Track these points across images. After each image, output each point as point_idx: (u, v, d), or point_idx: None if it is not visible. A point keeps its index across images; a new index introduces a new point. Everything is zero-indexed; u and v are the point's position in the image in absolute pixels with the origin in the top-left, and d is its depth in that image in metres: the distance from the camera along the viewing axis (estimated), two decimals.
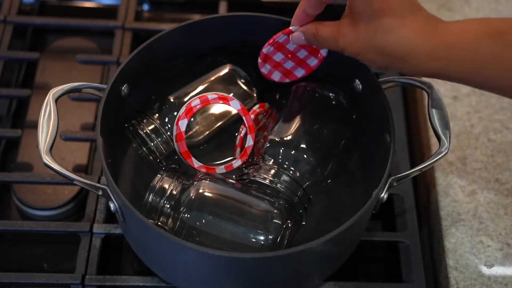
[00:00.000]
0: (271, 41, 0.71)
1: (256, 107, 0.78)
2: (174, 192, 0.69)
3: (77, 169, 0.86)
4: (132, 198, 0.74)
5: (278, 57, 0.74)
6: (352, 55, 0.64)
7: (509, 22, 0.59)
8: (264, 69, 0.75)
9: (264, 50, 0.72)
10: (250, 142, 0.75)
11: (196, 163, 0.73)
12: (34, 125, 0.68)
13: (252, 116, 0.76)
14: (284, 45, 0.72)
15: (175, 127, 0.72)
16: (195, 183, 0.69)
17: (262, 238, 0.67)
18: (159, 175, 0.70)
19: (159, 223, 0.69)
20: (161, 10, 1.06)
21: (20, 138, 0.87)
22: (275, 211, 0.69)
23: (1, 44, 0.92)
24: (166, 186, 0.69)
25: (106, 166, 0.66)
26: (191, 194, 0.68)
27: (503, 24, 0.59)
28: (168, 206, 0.68)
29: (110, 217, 0.78)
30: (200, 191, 0.69)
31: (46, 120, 0.66)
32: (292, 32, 0.69)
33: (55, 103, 0.67)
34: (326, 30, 0.65)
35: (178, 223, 0.68)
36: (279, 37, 0.71)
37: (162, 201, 0.68)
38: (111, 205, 0.66)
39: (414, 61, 0.60)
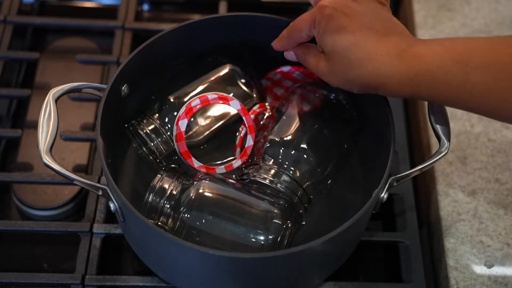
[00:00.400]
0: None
1: (256, 107, 0.78)
2: (174, 192, 0.69)
3: (77, 169, 0.86)
4: (132, 198, 0.74)
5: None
6: (332, 84, 0.67)
7: (473, 45, 0.60)
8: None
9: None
10: (250, 142, 0.75)
11: (196, 163, 0.73)
12: (34, 125, 0.68)
13: (252, 116, 0.76)
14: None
15: (175, 127, 0.72)
16: (195, 183, 0.69)
17: (262, 238, 0.67)
18: (159, 175, 0.70)
19: (159, 223, 0.69)
20: (161, 10, 1.06)
21: (20, 138, 0.87)
22: (275, 211, 0.69)
23: (1, 44, 0.92)
24: (166, 186, 0.69)
25: (106, 166, 0.66)
26: (191, 194, 0.68)
27: (468, 48, 0.60)
28: (168, 206, 0.68)
29: (110, 217, 0.78)
30: (200, 191, 0.69)
31: (46, 120, 0.66)
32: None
33: (55, 103, 0.67)
34: (310, 59, 0.69)
35: (178, 223, 0.68)
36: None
37: (162, 201, 0.68)
38: (111, 205, 0.66)
39: (388, 89, 0.63)
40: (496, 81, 0.58)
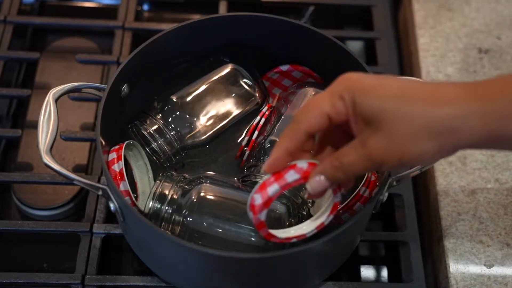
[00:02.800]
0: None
1: (265, 109, 0.77)
2: (175, 197, 0.69)
3: (77, 169, 0.86)
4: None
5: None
6: (395, 163, 0.52)
7: None
8: None
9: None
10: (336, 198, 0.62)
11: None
12: (34, 125, 0.68)
13: (262, 120, 0.76)
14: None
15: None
16: (196, 186, 0.69)
17: None
18: (158, 181, 0.70)
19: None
20: (161, 10, 1.06)
21: (20, 138, 0.87)
22: (278, 211, 0.69)
23: (1, 44, 0.92)
24: (166, 191, 0.69)
25: (106, 166, 0.66)
26: (193, 197, 0.68)
27: None
28: (170, 211, 0.68)
29: (110, 217, 0.78)
30: (202, 193, 0.69)
31: (46, 120, 0.66)
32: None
33: (55, 103, 0.67)
34: (350, 153, 0.54)
35: (180, 227, 0.67)
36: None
37: (163, 207, 0.68)
38: (111, 205, 0.66)
39: (468, 129, 0.51)
40: None
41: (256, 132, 0.76)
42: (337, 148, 0.56)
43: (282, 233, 0.63)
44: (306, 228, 0.63)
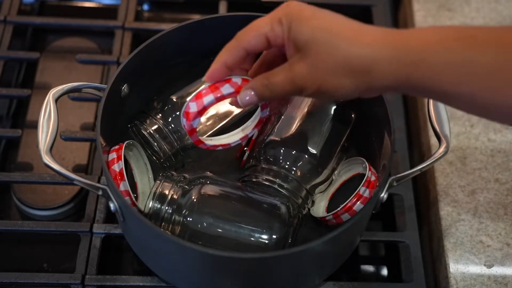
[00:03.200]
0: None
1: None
2: (175, 197, 0.69)
3: (77, 169, 0.86)
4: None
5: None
6: (313, 90, 0.57)
7: (474, 28, 0.55)
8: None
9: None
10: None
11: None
12: (34, 125, 0.68)
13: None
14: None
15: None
16: (196, 186, 0.69)
17: (265, 237, 0.67)
18: (158, 181, 0.70)
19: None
20: (161, 10, 1.06)
21: (20, 138, 0.87)
22: (278, 210, 0.69)
23: (1, 44, 0.92)
24: (166, 191, 0.69)
25: (106, 166, 0.66)
26: (193, 197, 0.68)
27: (469, 29, 0.54)
28: (170, 211, 0.68)
29: (110, 217, 0.78)
30: (202, 193, 0.69)
31: (46, 120, 0.66)
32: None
33: (55, 103, 0.67)
34: (278, 74, 0.58)
35: (180, 227, 0.67)
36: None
37: (163, 207, 0.68)
38: (111, 205, 0.66)
39: (381, 70, 0.54)
40: (504, 60, 0.52)
41: (256, 132, 0.76)
42: None
43: (209, 141, 0.69)
44: (232, 138, 0.70)
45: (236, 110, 0.76)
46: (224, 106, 0.76)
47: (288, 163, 0.71)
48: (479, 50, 0.52)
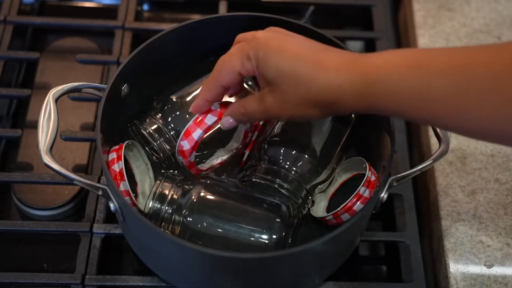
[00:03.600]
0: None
1: None
2: (175, 197, 0.69)
3: (77, 169, 0.86)
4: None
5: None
6: (286, 118, 0.63)
7: (429, 52, 0.56)
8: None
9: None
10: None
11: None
12: (34, 125, 0.68)
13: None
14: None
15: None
16: (196, 186, 0.69)
17: (265, 237, 0.67)
18: (158, 181, 0.70)
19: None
20: (161, 10, 1.06)
21: (20, 138, 0.87)
22: (278, 211, 0.69)
23: (1, 44, 0.92)
24: (166, 191, 0.69)
25: (106, 166, 0.66)
26: (193, 197, 0.68)
27: (424, 55, 0.56)
28: (170, 211, 0.68)
29: (110, 217, 0.78)
30: (202, 193, 0.69)
31: (46, 120, 0.66)
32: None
33: (55, 103, 0.67)
34: (252, 105, 0.64)
35: (180, 227, 0.67)
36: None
37: (163, 207, 0.68)
38: (111, 205, 0.66)
39: (345, 102, 0.58)
40: (458, 85, 0.53)
41: (256, 132, 0.76)
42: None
43: (204, 165, 0.74)
44: (221, 157, 0.75)
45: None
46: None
47: (288, 163, 0.71)
48: (432, 77, 0.53)
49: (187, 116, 0.75)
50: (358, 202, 0.69)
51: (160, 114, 0.75)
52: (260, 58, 0.60)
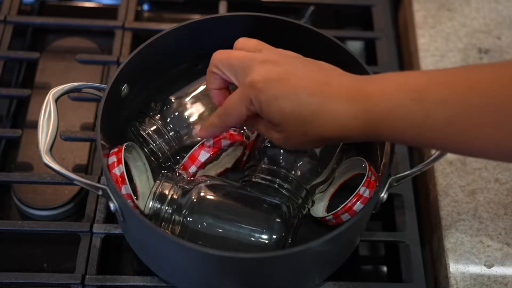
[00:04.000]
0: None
1: None
2: (175, 197, 0.69)
3: (77, 169, 0.86)
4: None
5: None
6: (292, 148, 0.68)
7: (427, 79, 0.57)
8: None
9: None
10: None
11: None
12: (34, 125, 0.68)
13: None
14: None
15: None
16: (196, 186, 0.69)
17: (266, 237, 0.67)
18: (158, 181, 0.70)
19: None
20: (161, 10, 1.06)
21: (20, 138, 0.86)
22: (278, 211, 0.69)
23: (1, 44, 0.92)
24: (166, 191, 0.69)
25: (106, 168, 0.66)
26: (193, 197, 0.68)
27: (422, 83, 0.57)
28: (170, 211, 0.68)
29: (110, 217, 0.78)
30: (202, 193, 0.69)
31: (46, 120, 0.66)
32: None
33: (55, 103, 0.67)
34: (261, 128, 0.66)
35: (180, 227, 0.67)
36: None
37: (163, 207, 0.68)
38: (111, 205, 0.66)
39: (349, 134, 0.60)
40: (456, 115, 0.54)
41: (256, 133, 0.76)
42: None
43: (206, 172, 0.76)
44: (225, 165, 0.78)
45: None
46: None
47: (288, 163, 0.71)
48: (433, 108, 0.55)
49: (186, 116, 0.75)
50: (358, 202, 0.69)
51: (159, 115, 0.75)
52: (263, 103, 0.61)
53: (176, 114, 0.74)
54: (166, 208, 0.68)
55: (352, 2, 1.02)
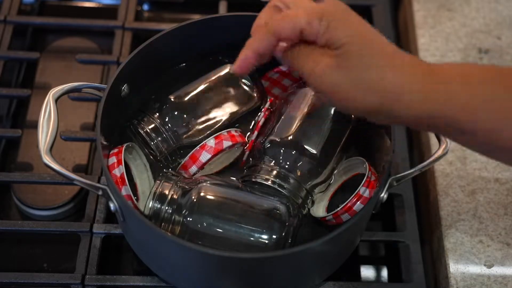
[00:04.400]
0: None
1: (268, 105, 0.77)
2: (175, 197, 0.69)
3: (77, 169, 0.86)
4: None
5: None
6: (330, 94, 0.57)
7: (468, 67, 0.57)
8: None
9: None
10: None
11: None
12: (34, 125, 0.68)
13: (262, 120, 0.76)
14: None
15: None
16: (196, 186, 0.69)
17: (265, 237, 0.67)
18: (158, 181, 0.70)
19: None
20: (161, 10, 1.06)
21: (20, 138, 0.87)
22: (278, 211, 0.69)
23: (1, 44, 0.92)
24: (166, 191, 0.69)
25: (106, 168, 0.66)
26: (193, 197, 0.68)
27: (466, 69, 0.57)
28: (170, 211, 0.68)
29: (110, 217, 0.78)
30: (202, 193, 0.69)
31: (46, 120, 0.66)
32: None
33: (55, 103, 0.67)
34: (304, 59, 0.58)
35: (180, 227, 0.67)
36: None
37: (163, 207, 0.68)
38: (111, 205, 0.66)
39: (408, 100, 0.55)
40: (497, 96, 0.54)
41: (256, 132, 0.76)
42: None
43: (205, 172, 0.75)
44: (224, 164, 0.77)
45: (234, 111, 0.76)
46: (222, 107, 0.76)
47: (288, 163, 0.71)
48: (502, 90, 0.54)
49: (185, 116, 0.75)
50: (358, 202, 0.69)
51: (157, 114, 0.75)
52: (335, 20, 0.55)
53: (175, 113, 0.74)
54: (166, 208, 0.68)
55: (352, 2, 1.00)
